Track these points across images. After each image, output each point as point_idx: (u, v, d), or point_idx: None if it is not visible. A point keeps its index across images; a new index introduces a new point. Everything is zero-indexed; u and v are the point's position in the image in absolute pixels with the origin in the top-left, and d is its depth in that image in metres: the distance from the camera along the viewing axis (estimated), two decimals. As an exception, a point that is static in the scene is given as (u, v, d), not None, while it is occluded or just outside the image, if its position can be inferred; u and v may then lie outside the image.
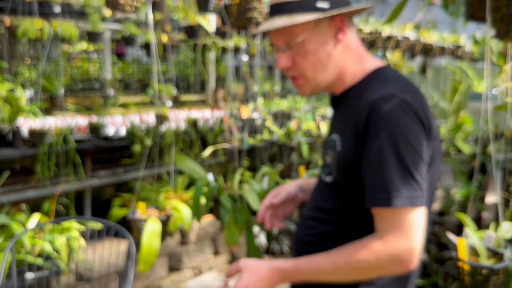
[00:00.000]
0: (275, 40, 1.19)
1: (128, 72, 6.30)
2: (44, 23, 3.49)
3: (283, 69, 1.20)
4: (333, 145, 1.20)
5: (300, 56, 1.17)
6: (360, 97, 1.14)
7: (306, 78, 1.20)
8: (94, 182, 4.05)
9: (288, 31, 1.16)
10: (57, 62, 4.59)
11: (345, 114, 1.21)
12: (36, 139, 3.36)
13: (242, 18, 2.15)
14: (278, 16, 1.15)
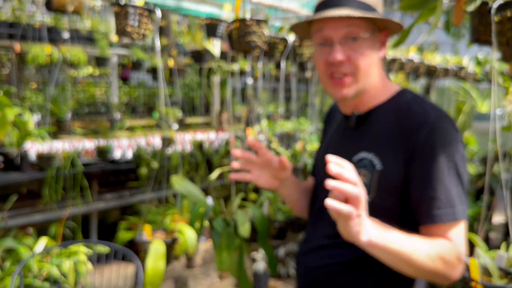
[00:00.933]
0: (334, 31, 1.13)
1: (134, 96, 6.38)
2: (54, 48, 3.57)
3: (338, 63, 1.14)
4: (367, 164, 1.18)
5: (358, 53, 1.14)
6: (403, 116, 1.17)
7: (356, 78, 1.16)
8: (101, 205, 4.07)
9: (355, 23, 1.13)
10: (64, 86, 4.67)
11: (380, 132, 1.19)
12: (43, 163, 3.40)
13: (242, 42, 2.20)
14: (339, 8, 1.12)
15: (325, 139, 1.45)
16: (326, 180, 0.98)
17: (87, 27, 4.85)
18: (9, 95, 3.59)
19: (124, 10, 2.20)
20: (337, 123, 1.38)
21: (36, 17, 4.69)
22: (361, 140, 1.22)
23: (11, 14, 4.45)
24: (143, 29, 2.20)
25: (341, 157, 1.08)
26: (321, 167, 1.22)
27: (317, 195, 1.36)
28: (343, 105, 1.27)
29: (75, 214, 3.63)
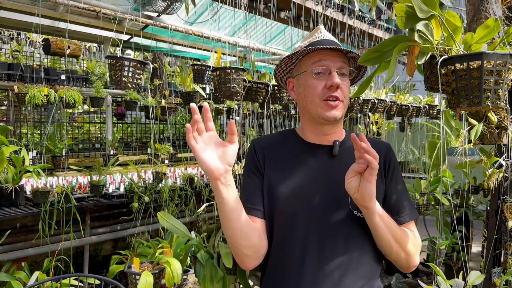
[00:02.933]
0: (333, 62, 1.39)
1: (127, 132, 6.56)
2: (50, 90, 3.75)
3: (336, 86, 1.36)
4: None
5: (345, 85, 1.40)
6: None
7: (344, 104, 1.41)
8: (93, 239, 4.16)
9: (345, 61, 1.42)
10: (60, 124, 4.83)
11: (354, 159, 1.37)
12: (38, 199, 3.50)
13: (223, 88, 2.41)
14: (334, 47, 1.38)
15: (278, 174, 1.40)
16: (311, 211, 1.33)
17: (84, 67, 5.07)
18: (6, 133, 3.74)
19: (119, 62, 2.41)
20: (297, 155, 1.43)
21: (34, 58, 4.91)
22: (346, 165, 1.31)
23: (10, 56, 4.65)
24: (136, 79, 2.40)
25: (334, 179, 1.37)
26: (297, 201, 1.36)
27: (294, 234, 1.34)
28: (317, 133, 1.43)
29: (68, 248, 3.72)
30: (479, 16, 1.63)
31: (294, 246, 1.34)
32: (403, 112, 3.70)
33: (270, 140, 1.50)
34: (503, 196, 1.93)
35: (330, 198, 1.36)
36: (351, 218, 1.34)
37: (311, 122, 1.43)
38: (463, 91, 1.40)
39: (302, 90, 1.42)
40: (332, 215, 1.35)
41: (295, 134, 1.51)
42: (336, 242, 1.33)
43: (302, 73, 1.42)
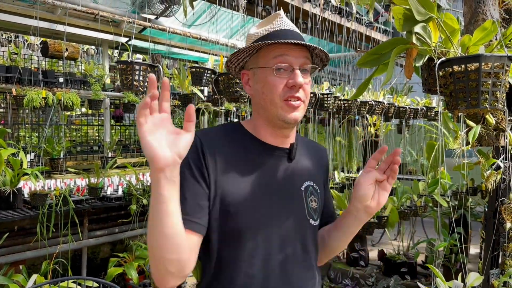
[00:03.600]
0: (296, 58, 1.22)
1: (125, 134, 6.55)
2: (48, 93, 3.75)
3: (299, 86, 1.22)
4: (313, 191, 1.34)
5: (308, 84, 1.26)
6: (311, 147, 1.44)
7: (305, 105, 1.28)
8: (91, 242, 4.15)
9: (308, 56, 1.26)
10: (58, 127, 4.83)
11: (309, 161, 1.37)
12: (36, 201, 3.50)
13: (227, 92, 2.42)
14: (298, 40, 1.21)
15: (234, 182, 1.21)
16: (272, 222, 1.21)
17: (82, 70, 5.07)
18: (4, 136, 3.73)
19: (130, 67, 2.42)
20: (255, 159, 1.26)
21: (32, 61, 4.90)
22: (301, 170, 1.32)
23: (8, 58, 4.65)
24: (146, 82, 2.42)
25: (291, 185, 1.29)
26: (258, 212, 1.21)
27: (255, 249, 1.21)
28: (275, 135, 1.29)
29: (66, 250, 3.71)
30: (476, 19, 1.64)
31: (254, 263, 1.21)
32: (400, 114, 3.71)
33: (218, 137, 1.27)
34: (501, 197, 1.94)
35: (290, 207, 1.27)
36: (307, 227, 1.30)
37: (269, 122, 1.27)
38: (461, 93, 1.41)
39: (259, 87, 1.26)
40: (293, 225, 1.27)
41: (246, 132, 1.31)
42: (295, 253, 1.27)
43: (261, 68, 1.25)
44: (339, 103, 3.04)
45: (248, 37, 1.32)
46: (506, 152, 1.77)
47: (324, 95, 2.88)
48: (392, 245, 4.74)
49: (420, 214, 3.54)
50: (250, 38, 1.30)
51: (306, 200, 1.31)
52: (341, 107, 3.05)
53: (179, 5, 3.94)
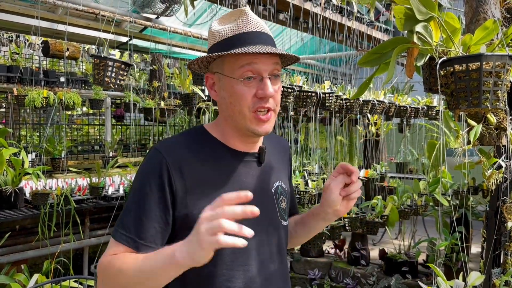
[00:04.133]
0: (265, 66, 1.14)
1: (126, 134, 6.56)
2: (50, 92, 3.75)
3: (271, 96, 1.15)
4: (282, 191, 1.32)
5: (278, 91, 1.19)
6: (275, 143, 1.39)
7: (275, 113, 1.21)
8: (93, 241, 4.16)
9: (278, 61, 1.18)
10: (59, 126, 4.83)
11: (274, 160, 1.34)
12: (38, 201, 3.50)
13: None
14: (266, 46, 1.14)
15: (205, 198, 1.12)
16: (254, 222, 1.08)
17: (83, 70, 5.08)
18: (5, 135, 3.74)
19: (103, 62, 2.38)
20: (226, 168, 1.21)
21: (34, 61, 4.91)
22: (270, 171, 1.30)
23: (9, 58, 4.65)
24: (119, 80, 2.39)
25: (262, 192, 1.25)
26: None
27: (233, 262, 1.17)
28: (245, 141, 1.24)
29: (68, 250, 3.72)
30: (477, 18, 1.64)
31: (234, 275, 1.17)
32: (401, 113, 3.71)
33: (184, 149, 1.19)
34: (502, 196, 1.94)
35: (264, 212, 1.17)
36: (280, 228, 1.29)
37: (237, 130, 1.21)
38: (462, 93, 1.41)
39: (226, 96, 1.18)
40: (268, 230, 1.24)
41: (212, 139, 1.24)
42: (272, 257, 1.25)
43: (227, 76, 1.16)
44: (341, 102, 3.04)
45: (210, 34, 1.22)
46: (507, 151, 1.77)
47: (326, 94, 2.89)
48: (393, 244, 4.73)
49: (420, 213, 3.55)
50: (213, 37, 1.20)
51: (276, 201, 1.29)
52: (343, 106, 3.05)
53: (180, 4, 3.94)
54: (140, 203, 1.11)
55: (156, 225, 1.10)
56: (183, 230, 1.07)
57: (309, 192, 3.19)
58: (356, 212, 2.96)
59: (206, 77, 1.25)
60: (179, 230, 1.12)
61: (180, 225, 1.12)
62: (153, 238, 1.10)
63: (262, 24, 1.21)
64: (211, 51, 1.19)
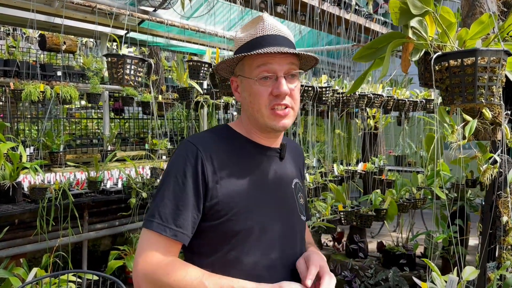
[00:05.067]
0: (280, 66, 1.21)
1: (125, 127, 6.55)
2: (46, 87, 3.74)
3: (284, 95, 1.22)
4: (300, 188, 1.41)
5: (296, 89, 1.26)
6: (292, 146, 1.48)
7: (294, 111, 1.28)
8: (91, 235, 4.17)
9: (294, 61, 1.25)
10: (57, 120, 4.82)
11: (292, 159, 1.43)
12: (36, 195, 3.50)
13: (222, 85, 2.41)
14: (282, 47, 1.21)
15: (235, 187, 1.22)
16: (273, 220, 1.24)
17: (80, 63, 5.06)
18: (3, 129, 3.74)
19: (121, 60, 2.37)
20: (253, 161, 1.29)
21: (31, 54, 4.88)
22: (289, 168, 1.39)
23: (5, 52, 4.63)
24: (137, 76, 2.38)
25: (283, 185, 1.33)
26: (258, 214, 1.22)
27: (258, 247, 1.23)
28: (267, 137, 1.31)
29: (66, 243, 3.73)
30: (473, 12, 1.63)
31: (259, 263, 1.22)
32: (400, 106, 3.70)
33: (214, 143, 1.26)
34: (497, 191, 1.94)
35: (287, 206, 1.33)
36: (300, 222, 1.36)
37: (259, 127, 1.29)
38: (457, 88, 1.40)
39: (247, 95, 1.27)
40: (291, 223, 1.32)
41: (238, 135, 1.32)
42: (294, 250, 1.31)
43: (246, 77, 1.25)
44: (338, 96, 3.03)
45: (235, 41, 1.32)
46: (503, 146, 1.77)
47: (323, 89, 2.87)
48: (391, 237, 4.75)
49: (419, 207, 3.55)
50: (236, 43, 1.30)
51: (296, 197, 1.37)
52: (340, 100, 3.04)
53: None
54: (176, 192, 1.17)
55: (190, 214, 1.17)
56: (212, 216, 1.19)
57: (307, 186, 3.19)
58: (351, 206, 2.97)
59: (231, 81, 1.36)
60: (208, 216, 1.19)
61: (209, 212, 1.19)
62: (189, 226, 1.17)
63: (279, 28, 1.28)
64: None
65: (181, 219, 1.16)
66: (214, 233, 1.20)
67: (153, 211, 1.17)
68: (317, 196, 3.22)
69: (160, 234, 1.14)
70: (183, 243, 1.17)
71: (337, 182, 3.59)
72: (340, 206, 2.84)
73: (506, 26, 1.64)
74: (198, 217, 1.19)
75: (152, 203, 1.21)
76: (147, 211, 1.25)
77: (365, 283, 4.47)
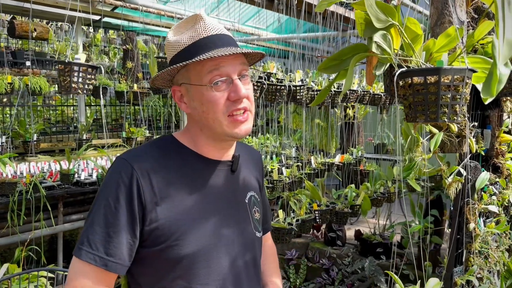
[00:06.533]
0: (233, 67, 1.12)
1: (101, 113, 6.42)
2: (14, 78, 3.60)
3: (244, 97, 1.13)
4: (255, 201, 1.31)
5: (250, 89, 1.17)
6: (248, 153, 1.37)
7: (252, 114, 1.18)
8: (66, 227, 4.12)
9: (244, 61, 1.16)
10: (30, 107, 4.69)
11: (246, 170, 1.32)
12: (5, 190, 3.42)
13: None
14: (230, 47, 1.12)
15: (178, 211, 1.11)
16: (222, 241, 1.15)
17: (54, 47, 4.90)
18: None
19: (68, 67, 2.26)
20: (200, 178, 1.18)
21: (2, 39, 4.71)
22: (243, 180, 1.29)
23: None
24: (87, 84, 2.28)
25: (235, 201, 1.23)
26: (207, 237, 1.13)
27: (208, 272, 1.14)
28: (221, 147, 1.21)
29: (40, 237, 3.67)
30: (442, 21, 1.58)
31: (209, 284, 1.14)
32: (376, 101, 3.67)
33: (154, 159, 1.14)
34: (465, 198, 1.93)
35: (238, 223, 1.22)
36: (255, 240, 1.27)
37: (212, 138, 1.18)
38: (420, 106, 1.36)
39: (197, 105, 1.14)
40: (243, 241, 1.22)
41: (183, 148, 1.20)
42: (248, 269, 1.23)
43: (194, 85, 1.13)
44: (313, 94, 2.97)
45: (168, 45, 1.18)
46: (466, 157, 1.75)
47: (297, 87, 2.81)
48: (368, 224, 4.79)
49: (393, 200, 3.56)
50: (171, 48, 1.16)
51: (250, 212, 1.27)
52: (315, 97, 2.99)
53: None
54: (108, 217, 1.06)
55: (125, 241, 1.06)
56: (153, 242, 1.08)
57: (283, 180, 3.17)
58: (326, 204, 2.96)
59: (172, 90, 1.21)
60: (148, 242, 1.09)
61: (148, 238, 1.09)
62: (122, 254, 1.06)
63: (221, 27, 1.17)
64: (173, 63, 1.15)
65: (112, 247, 1.05)
66: (157, 260, 1.10)
67: (82, 238, 1.07)
68: (293, 190, 3.20)
69: (89, 263, 1.04)
70: (116, 273, 1.08)
71: (313, 175, 3.57)
72: (315, 205, 2.82)
73: (476, 35, 1.60)
74: (135, 243, 1.08)
75: (83, 228, 1.10)
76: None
77: (342, 271, 4.53)
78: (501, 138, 2.13)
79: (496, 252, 2.10)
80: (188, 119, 1.23)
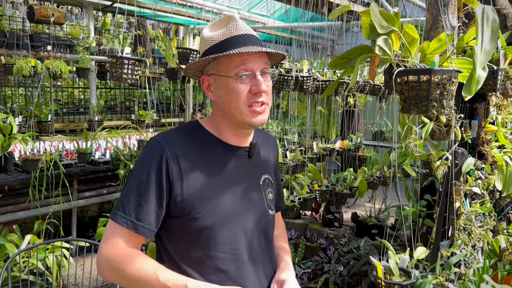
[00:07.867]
0: (257, 64, 1.28)
1: (111, 95, 6.61)
2: (37, 61, 3.80)
3: (262, 92, 1.29)
4: (269, 183, 1.48)
5: (270, 86, 1.33)
6: (264, 138, 1.54)
7: (269, 107, 1.34)
8: (80, 203, 4.37)
9: (267, 60, 1.33)
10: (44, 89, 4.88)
11: (263, 155, 1.50)
12: (29, 166, 3.65)
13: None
14: (256, 46, 1.27)
15: (201, 188, 1.29)
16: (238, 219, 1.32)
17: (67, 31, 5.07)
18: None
19: (119, 61, 2.68)
20: (220, 161, 1.35)
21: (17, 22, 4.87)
22: (259, 164, 1.46)
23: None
24: (134, 75, 2.64)
25: (251, 182, 1.41)
26: (223, 211, 1.30)
27: (224, 245, 1.31)
28: (240, 134, 1.37)
29: (55, 210, 3.91)
30: (436, 26, 1.80)
31: (226, 258, 1.31)
32: (376, 91, 3.89)
33: (181, 142, 1.32)
34: (453, 180, 2.18)
35: (252, 202, 1.39)
36: (267, 217, 1.44)
37: (233, 125, 1.34)
38: (414, 100, 1.60)
39: (223, 94, 1.30)
40: (256, 218, 1.39)
41: (207, 134, 1.37)
42: (260, 243, 1.40)
43: (222, 76, 1.29)
44: (318, 84, 3.20)
45: (203, 40, 1.35)
46: (454, 144, 1.99)
47: (304, 78, 3.04)
48: (365, 208, 5.04)
49: (388, 184, 3.81)
50: (205, 42, 1.33)
51: (264, 192, 1.44)
52: (320, 87, 3.22)
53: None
54: (140, 189, 1.24)
55: (153, 210, 1.24)
56: (179, 213, 1.27)
57: (287, 164, 3.41)
58: (326, 185, 3.20)
59: (202, 79, 1.37)
60: (175, 213, 1.27)
61: (174, 209, 1.27)
62: (150, 221, 1.25)
63: (250, 28, 1.34)
64: (205, 56, 1.31)
65: (143, 214, 1.23)
66: (181, 229, 1.29)
67: (118, 205, 1.26)
68: (297, 172, 3.44)
69: (122, 226, 1.23)
70: (145, 236, 1.25)
71: (315, 159, 3.82)
72: (316, 185, 3.07)
73: (466, 38, 1.83)
74: (162, 213, 1.26)
75: (119, 197, 1.30)
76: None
77: (339, 250, 4.78)
78: (487, 128, 2.38)
79: (479, 230, 2.35)
80: (214, 108, 1.40)
